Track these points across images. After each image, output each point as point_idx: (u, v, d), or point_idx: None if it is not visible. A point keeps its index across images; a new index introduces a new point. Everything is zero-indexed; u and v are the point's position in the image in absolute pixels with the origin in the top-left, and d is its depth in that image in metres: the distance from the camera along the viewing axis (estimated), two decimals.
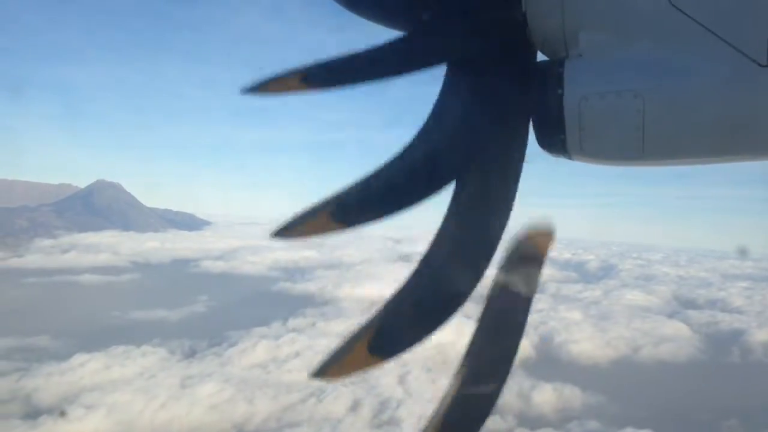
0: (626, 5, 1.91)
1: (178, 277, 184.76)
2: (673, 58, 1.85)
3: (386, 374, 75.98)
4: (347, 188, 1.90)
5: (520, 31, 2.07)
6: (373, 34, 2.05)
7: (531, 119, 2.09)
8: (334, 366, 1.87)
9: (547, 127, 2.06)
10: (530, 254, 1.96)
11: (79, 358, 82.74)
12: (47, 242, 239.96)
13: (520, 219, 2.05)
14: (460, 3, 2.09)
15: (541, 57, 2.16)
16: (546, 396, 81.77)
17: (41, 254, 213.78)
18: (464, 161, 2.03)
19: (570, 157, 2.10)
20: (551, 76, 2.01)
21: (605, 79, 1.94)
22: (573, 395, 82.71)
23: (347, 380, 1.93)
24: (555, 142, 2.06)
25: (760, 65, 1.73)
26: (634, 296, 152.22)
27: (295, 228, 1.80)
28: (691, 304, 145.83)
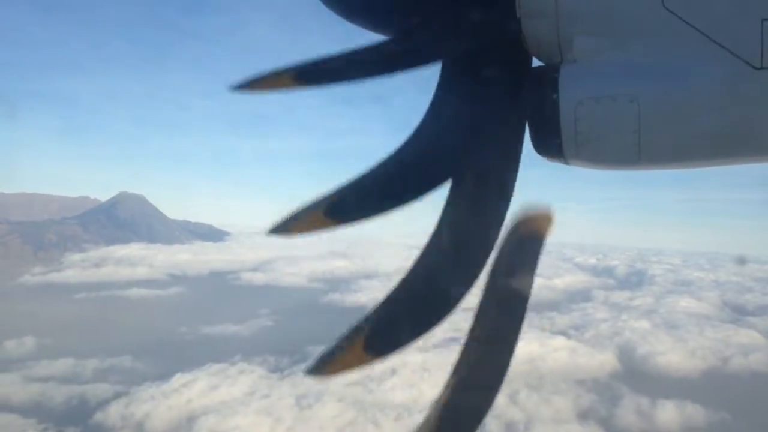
0: (621, 9, 1.89)
1: (224, 289, 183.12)
2: (668, 61, 1.83)
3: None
4: (342, 186, 1.87)
5: (514, 37, 2.04)
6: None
7: (527, 124, 2.07)
8: (330, 364, 1.81)
9: (543, 132, 2.03)
10: (530, 236, 1.89)
11: (180, 379, 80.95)
12: (78, 256, 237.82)
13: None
14: (454, 10, 2.06)
15: (536, 62, 2.14)
16: (668, 414, 79.91)
17: (77, 268, 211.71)
18: (459, 161, 2.02)
19: (566, 162, 2.08)
20: (546, 82, 1.98)
21: (600, 84, 1.92)
22: (696, 412, 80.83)
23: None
24: (551, 147, 2.03)
25: (754, 68, 1.72)
26: (688, 303, 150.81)
27: (290, 225, 1.78)
28: (742, 310, 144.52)
